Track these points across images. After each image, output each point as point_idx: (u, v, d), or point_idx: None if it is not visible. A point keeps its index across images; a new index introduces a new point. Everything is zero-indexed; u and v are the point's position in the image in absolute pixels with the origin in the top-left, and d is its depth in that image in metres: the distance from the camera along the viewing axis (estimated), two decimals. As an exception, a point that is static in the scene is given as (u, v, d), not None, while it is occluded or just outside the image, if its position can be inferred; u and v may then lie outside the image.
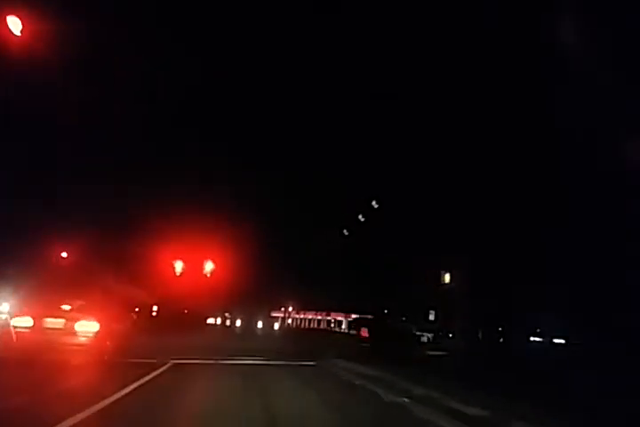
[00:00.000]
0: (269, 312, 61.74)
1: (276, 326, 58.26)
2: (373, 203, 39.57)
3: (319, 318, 69.03)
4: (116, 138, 32.85)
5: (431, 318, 37.54)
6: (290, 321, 66.62)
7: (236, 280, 39.04)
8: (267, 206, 40.44)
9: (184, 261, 37.47)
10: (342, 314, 67.56)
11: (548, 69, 22.65)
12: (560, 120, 23.05)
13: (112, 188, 34.79)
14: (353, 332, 61.26)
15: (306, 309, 65.78)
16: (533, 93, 24.52)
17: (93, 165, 33.62)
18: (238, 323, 54.09)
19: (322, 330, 59.79)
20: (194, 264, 37.47)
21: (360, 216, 41.67)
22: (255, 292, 46.46)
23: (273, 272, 44.89)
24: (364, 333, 24.90)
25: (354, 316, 66.46)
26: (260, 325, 54.69)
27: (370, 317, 34.61)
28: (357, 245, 41.41)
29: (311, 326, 68.13)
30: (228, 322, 54.73)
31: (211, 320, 52.13)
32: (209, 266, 37.55)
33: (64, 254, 33.95)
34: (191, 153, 38.26)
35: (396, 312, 40.07)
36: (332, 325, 68.15)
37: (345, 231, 43.98)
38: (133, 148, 35.45)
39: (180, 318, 38.22)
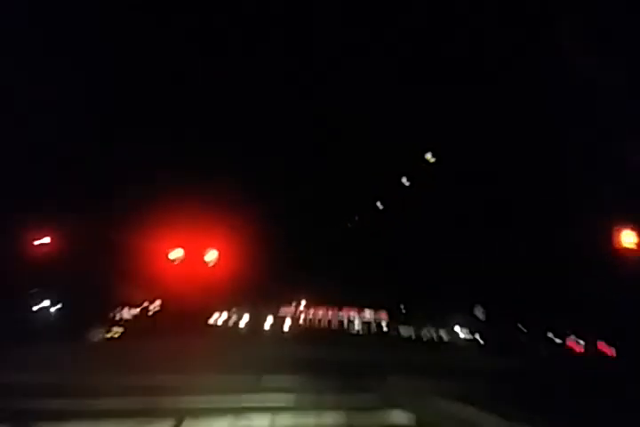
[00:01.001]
0: (278, 309, 56.69)
1: (287, 325, 52.99)
2: (428, 156, 30.19)
3: (330, 313, 64.84)
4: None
5: (479, 315, 29.44)
6: (302, 320, 61.86)
7: (241, 272, 34.65)
8: (275, 186, 35.96)
9: (183, 251, 33.16)
10: (355, 309, 63.64)
11: (549, 69, 22.12)
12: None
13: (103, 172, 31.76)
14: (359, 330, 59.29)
15: (317, 304, 60.68)
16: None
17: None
18: (244, 321, 48.86)
19: (338, 331, 55.51)
20: (194, 254, 33.19)
21: (404, 179, 32.31)
22: (262, 285, 42.06)
23: (281, 263, 40.37)
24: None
25: (367, 311, 63.48)
26: (268, 324, 49.11)
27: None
28: (390, 221, 33.85)
29: (322, 324, 62.37)
30: (232, 321, 49.35)
31: (214, 318, 47.43)
32: (211, 255, 32.79)
33: (46, 240, 29.63)
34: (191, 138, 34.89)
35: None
36: (345, 322, 64.31)
37: (379, 204, 35.48)
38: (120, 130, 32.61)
39: (178, 318, 33.62)
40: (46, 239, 29.01)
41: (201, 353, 16.65)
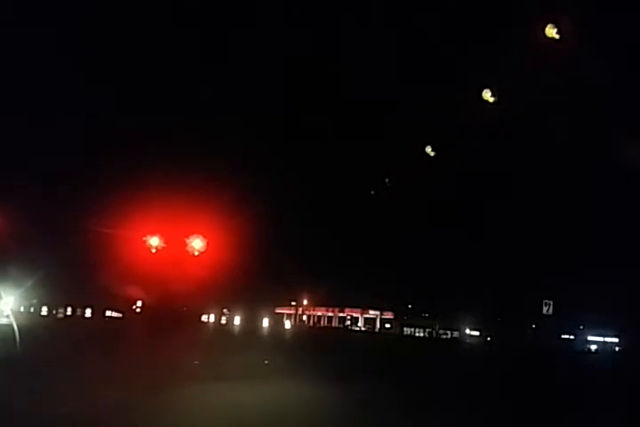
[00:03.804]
0: (274, 308, 53.66)
1: (288, 324, 49.52)
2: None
3: (330, 314, 61.77)
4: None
5: (546, 310, 24.55)
6: (305, 318, 58.77)
7: (234, 265, 30.66)
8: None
9: (162, 238, 28.97)
10: (359, 310, 61.26)
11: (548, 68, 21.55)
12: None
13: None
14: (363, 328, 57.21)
15: (317, 304, 57.70)
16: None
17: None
18: (237, 320, 45.37)
19: (340, 329, 54.34)
20: (176, 242, 28.91)
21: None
22: (258, 281, 37.37)
23: (281, 256, 36.06)
24: None
25: (372, 312, 61.38)
26: (265, 323, 45.38)
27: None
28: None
29: (322, 323, 61.08)
30: (224, 319, 46.03)
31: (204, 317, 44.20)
32: (197, 243, 28.75)
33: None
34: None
35: None
36: (349, 322, 61.62)
37: (430, 151, 26.45)
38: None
39: (163, 316, 30.77)
40: None
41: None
